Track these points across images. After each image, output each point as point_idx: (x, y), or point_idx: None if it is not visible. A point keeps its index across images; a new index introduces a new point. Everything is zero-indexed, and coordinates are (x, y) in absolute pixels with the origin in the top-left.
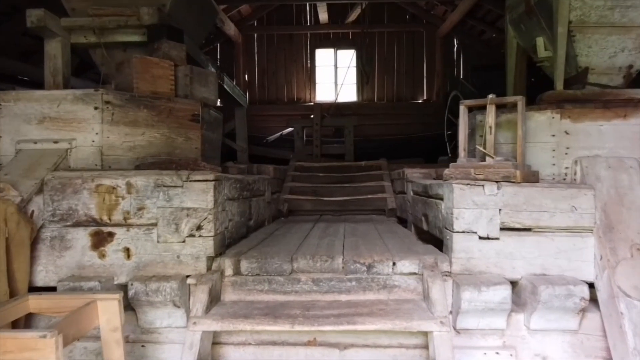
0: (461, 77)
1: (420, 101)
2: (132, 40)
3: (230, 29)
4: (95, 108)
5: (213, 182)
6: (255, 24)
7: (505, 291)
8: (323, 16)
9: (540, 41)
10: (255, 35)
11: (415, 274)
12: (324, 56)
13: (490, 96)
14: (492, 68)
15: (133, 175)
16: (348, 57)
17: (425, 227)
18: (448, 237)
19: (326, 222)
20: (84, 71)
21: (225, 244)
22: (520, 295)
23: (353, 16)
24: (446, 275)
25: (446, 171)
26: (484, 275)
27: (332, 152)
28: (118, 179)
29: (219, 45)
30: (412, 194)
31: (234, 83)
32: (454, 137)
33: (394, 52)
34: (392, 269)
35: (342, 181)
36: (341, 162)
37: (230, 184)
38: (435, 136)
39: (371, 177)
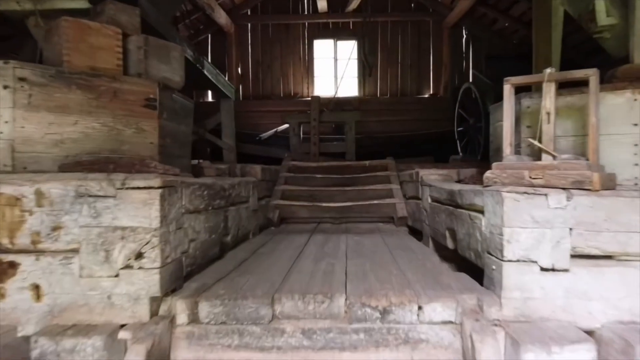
0: (471, 69)
1: (426, 96)
2: (75, 8)
3: (221, 17)
4: (5, 87)
5: (160, 190)
6: (249, 12)
7: (588, 353)
8: (322, 4)
9: (601, 5)
10: (249, 25)
11: (450, 322)
12: (322, 47)
13: (548, 70)
14: (508, 58)
15: (45, 181)
16: (349, 49)
17: (450, 244)
18: (494, 268)
19: (324, 234)
20: None
21: (184, 274)
22: (599, 351)
23: (354, 4)
24: (496, 325)
25: (488, 174)
26: (548, 324)
27: (331, 150)
28: (24, 185)
29: (209, 36)
30: (430, 200)
31: (226, 76)
32: (464, 135)
33: (398, 43)
34: (418, 315)
35: (343, 184)
36: (342, 162)
37: (192, 191)
38: (444, 133)
39: (377, 179)
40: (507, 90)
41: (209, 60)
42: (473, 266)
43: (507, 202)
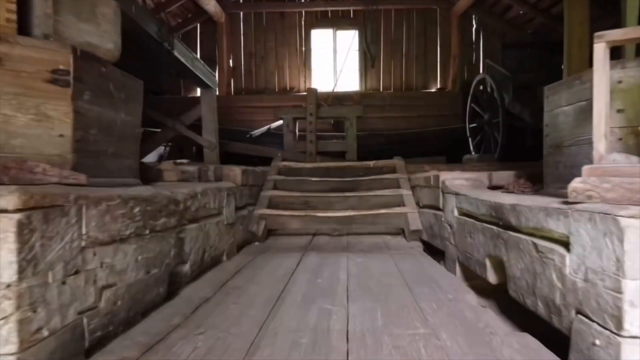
0: (481, 60)
1: (433, 90)
2: None
3: (210, 4)
4: None
5: (18, 216)
6: (241, 0)
7: None
8: None
9: None
10: (241, 13)
11: None
12: (321, 38)
13: None
14: (528, 46)
15: None
16: (349, 39)
17: (492, 278)
18: (599, 343)
19: (319, 253)
20: None
21: (86, 346)
22: None
23: None
24: None
25: (577, 184)
26: None
27: (330, 149)
28: None
29: (198, 25)
30: (457, 213)
31: (216, 69)
32: (478, 132)
33: (402, 33)
34: None
35: (344, 188)
36: (342, 162)
37: (104, 211)
38: (454, 130)
39: (384, 183)
40: (600, 51)
41: (198, 52)
42: (530, 313)
43: (631, 234)
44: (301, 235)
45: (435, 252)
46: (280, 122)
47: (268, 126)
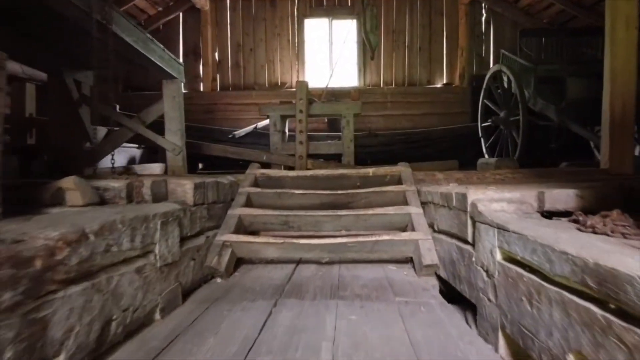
0: (492, 52)
1: (439, 85)
2: None
3: None
4: None
5: None
6: None
7: None
8: None
9: None
10: (228, 1)
11: None
12: (315, 28)
13: None
14: (549, 33)
15: None
16: (346, 30)
17: None
18: None
19: (297, 303)
20: None
21: None
22: None
23: None
24: None
25: None
26: None
27: (323, 151)
28: None
29: (180, 14)
30: (500, 258)
31: (200, 62)
32: (492, 131)
33: (405, 23)
34: None
35: (336, 204)
36: (334, 171)
37: None
38: (463, 130)
39: (386, 198)
40: None
41: (181, 45)
42: None
43: None
44: (281, 263)
45: (454, 293)
46: (267, 121)
47: (254, 125)
